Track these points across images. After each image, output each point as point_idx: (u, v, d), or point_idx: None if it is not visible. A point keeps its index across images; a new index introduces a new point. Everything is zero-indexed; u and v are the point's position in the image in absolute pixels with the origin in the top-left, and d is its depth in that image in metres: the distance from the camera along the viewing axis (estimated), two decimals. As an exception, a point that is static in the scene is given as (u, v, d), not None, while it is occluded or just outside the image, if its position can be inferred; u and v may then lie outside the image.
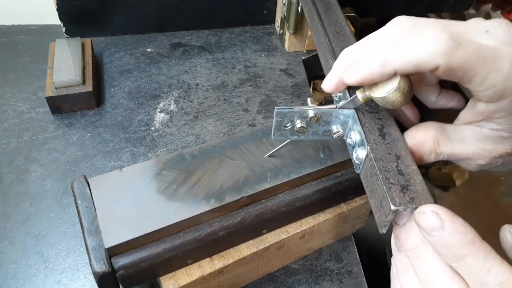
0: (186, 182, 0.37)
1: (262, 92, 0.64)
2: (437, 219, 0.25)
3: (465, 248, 0.24)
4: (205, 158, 0.39)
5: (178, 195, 0.36)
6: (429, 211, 0.25)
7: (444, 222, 0.24)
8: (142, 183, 0.37)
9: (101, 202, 0.35)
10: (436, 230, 0.25)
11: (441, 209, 0.25)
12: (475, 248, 0.24)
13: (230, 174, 0.38)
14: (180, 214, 0.35)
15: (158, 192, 0.36)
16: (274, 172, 0.38)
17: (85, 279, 0.43)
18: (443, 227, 0.24)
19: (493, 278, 0.24)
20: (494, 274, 0.24)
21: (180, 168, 0.38)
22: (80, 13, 0.67)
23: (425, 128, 0.33)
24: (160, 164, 0.38)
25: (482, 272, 0.24)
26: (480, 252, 0.24)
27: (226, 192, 0.37)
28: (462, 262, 0.24)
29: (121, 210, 0.35)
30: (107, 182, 0.37)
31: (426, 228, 0.25)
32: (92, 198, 0.36)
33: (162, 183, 0.37)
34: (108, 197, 0.36)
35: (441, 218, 0.25)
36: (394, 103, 0.30)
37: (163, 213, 0.35)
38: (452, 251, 0.24)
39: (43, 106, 0.59)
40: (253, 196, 0.37)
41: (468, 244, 0.24)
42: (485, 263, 0.24)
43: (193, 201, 0.36)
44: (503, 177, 1.39)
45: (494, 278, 0.24)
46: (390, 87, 0.29)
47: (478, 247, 0.24)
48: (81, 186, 0.36)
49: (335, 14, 0.46)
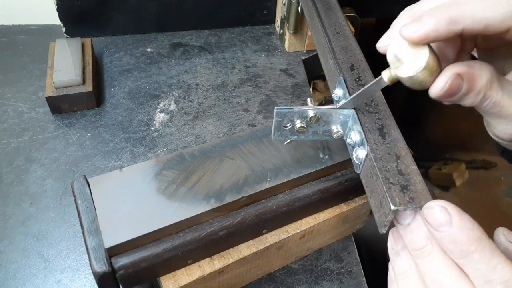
0: (186, 182, 0.37)
1: (262, 92, 0.64)
2: (446, 214, 0.24)
3: (473, 244, 0.24)
4: (205, 158, 0.39)
5: (178, 195, 0.36)
6: (437, 206, 0.25)
7: (452, 217, 0.24)
8: (142, 183, 0.37)
9: (101, 202, 0.35)
10: (444, 225, 0.24)
11: (449, 204, 0.25)
12: (482, 245, 0.24)
13: (230, 174, 0.38)
14: (180, 214, 0.35)
15: (158, 192, 0.36)
16: (274, 172, 0.38)
17: (85, 279, 0.43)
18: (451, 222, 0.24)
19: (499, 276, 0.23)
20: (500, 271, 0.23)
21: (180, 168, 0.38)
22: (80, 13, 0.67)
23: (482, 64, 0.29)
24: (160, 164, 0.38)
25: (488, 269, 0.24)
26: (487, 249, 0.24)
27: (226, 192, 0.37)
28: (469, 258, 0.24)
29: (121, 210, 0.35)
30: (107, 182, 0.37)
31: (434, 223, 0.25)
32: (92, 198, 0.36)
33: (162, 183, 0.37)
34: (108, 197, 0.36)
35: (449, 213, 0.24)
36: (422, 83, 0.28)
37: (163, 213, 0.35)
38: (460, 246, 0.24)
39: (43, 106, 0.59)
40: (253, 196, 0.37)
41: (476, 240, 0.24)
42: (491, 260, 0.24)
43: (193, 201, 0.36)
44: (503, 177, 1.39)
45: (499, 276, 0.23)
46: (418, 66, 0.27)
47: (485, 244, 0.24)
48: (81, 186, 0.36)
49: (335, 14, 0.46)
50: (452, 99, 0.29)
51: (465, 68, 0.28)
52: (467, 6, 0.26)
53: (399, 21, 0.31)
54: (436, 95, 0.29)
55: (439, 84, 0.28)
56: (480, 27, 0.26)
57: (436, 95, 0.29)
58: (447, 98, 0.29)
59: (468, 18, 0.26)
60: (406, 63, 0.28)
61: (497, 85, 0.29)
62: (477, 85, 0.28)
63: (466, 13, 0.26)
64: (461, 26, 0.26)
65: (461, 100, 0.29)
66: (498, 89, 0.29)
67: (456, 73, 0.28)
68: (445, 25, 0.26)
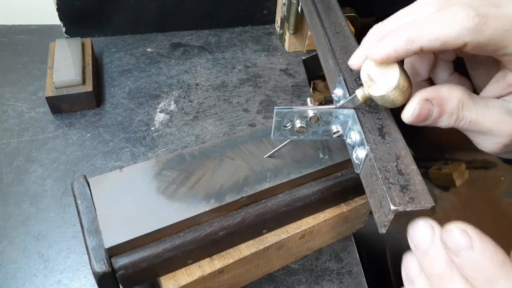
0: (186, 182, 0.37)
1: (262, 92, 0.64)
2: (466, 237, 0.23)
3: (497, 270, 0.22)
4: (205, 158, 0.39)
5: (178, 195, 0.36)
6: (457, 229, 0.23)
7: (473, 241, 0.23)
8: (142, 183, 0.37)
9: (101, 202, 0.35)
10: (465, 249, 0.23)
11: (469, 226, 0.23)
12: (505, 270, 0.22)
13: (230, 174, 0.38)
14: (180, 214, 0.35)
15: (158, 192, 0.36)
16: (274, 172, 0.38)
17: (85, 279, 0.43)
18: (472, 246, 0.23)
19: None
20: None
21: (180, 168, 0.38)
22: (80, 13, 0.67)
23: (452, 86, 0.30)
24: (160, 164, 0.38)
25: None
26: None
27: (226, 192, 0.36)
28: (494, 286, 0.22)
29: (121, 210, 0.35)
30: (107, 182, 0.37)
31: (454, 247, 0.23)
32: (92, 198, 0.36)
33: (162, 183, 0.37)
34: (108, 197, 0.36)
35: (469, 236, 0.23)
36: (393, 102, 0.30)
37: (163, 213, 0.35)
38: (483, 272, 0.22)
39: (43, 106, 0.59)
40: (253, 196, 0.37)
41: (500, 265, 0.22)
42: None
43: (193, 201, 0.36)
44: (503, 177, 1.39)
45: None
46: (389, 86, 0.29)
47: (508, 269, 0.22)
48: (81, 186, 0.36)
49: (335, 14, 0.46)
50: (426, 123, 0.30)
51: (433, 92, 0.29)
52: (424, 26, 0.28)
53: (367, 39, 0.33)
54: (408, 120, 0.30)
55: (409, 110, 0.29)
56: (437, 44, 0.27)
57: (407, 121, 0.30)
58: (420, 122, 0.30)
59: (425, 37, 0.27)
60: (378, 83, 0.30)
61: (470, 104, 0.30)
62: (447, 108, 0.29)
63: (423, 32, 0.27)
64: (418, 45, 0.28)
65: (436, 123, 0.30)
66: (471, 108, 0.30)
67: (425, 98, 0.29)
68: (404, 45, 0.28)
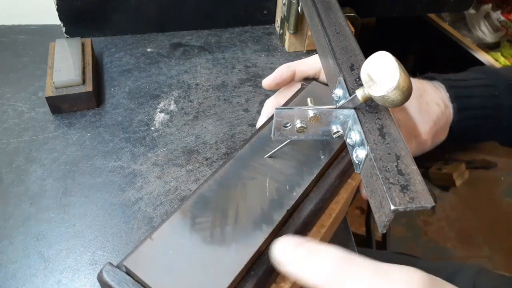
0: (227, 220, 0.34)
1: (262, 92, 0.64)
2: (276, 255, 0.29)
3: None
4: (226, 189, 0.36)
5: (228, 236, 0.33)
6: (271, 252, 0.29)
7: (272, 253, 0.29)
8: (183, 242, 0.32)
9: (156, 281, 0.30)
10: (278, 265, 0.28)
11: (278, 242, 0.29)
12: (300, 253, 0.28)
13: (261, 194, 0.36)
14: (244, 254, 0.31)
15: (207, 243, 0.32)
16: (299, 175, 0.37)
17: (85, 279, 0.43)
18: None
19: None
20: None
21: (210, 209, 0.34)
22: (80, 13, 0.67)
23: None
24: (188, 214, 0.34)
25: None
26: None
27: (270, 212, 0.34)
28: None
29: (182, 278, 0.30)
30: (146, 258, 0.31)
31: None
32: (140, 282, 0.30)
33: (204, 232, 0.33)
34: (159, 272, 0.30)
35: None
36: (394, 102, 0.30)
37: (227, 261, 0.31)
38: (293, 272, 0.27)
39: (43, 106, 0.59)
40: (293, 206, 0.35)
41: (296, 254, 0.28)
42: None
43: (247, 235, 0.32)
44: (503, 177, 1.39)
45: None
46: (389, 86, 0.29)
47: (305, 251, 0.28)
48: (114, 274, 0.31)
49: (335, 14, 0.46)
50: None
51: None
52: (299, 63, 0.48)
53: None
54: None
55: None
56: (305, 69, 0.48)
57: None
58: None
59: (297, 66, 0.48)
60: (378, 83, 0.30)
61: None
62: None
63: (297, 65, 0.48)
64: (292, 69, 0.48)
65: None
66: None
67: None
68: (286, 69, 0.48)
